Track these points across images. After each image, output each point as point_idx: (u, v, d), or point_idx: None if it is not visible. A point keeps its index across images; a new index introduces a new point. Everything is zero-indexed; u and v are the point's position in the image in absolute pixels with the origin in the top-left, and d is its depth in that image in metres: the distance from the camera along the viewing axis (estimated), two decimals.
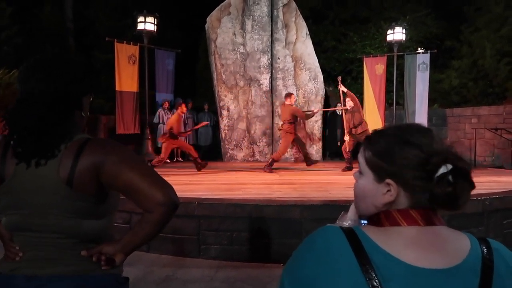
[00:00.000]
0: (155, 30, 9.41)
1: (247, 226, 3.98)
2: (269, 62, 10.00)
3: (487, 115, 9.89)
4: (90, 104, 1.27)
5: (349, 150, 7.51)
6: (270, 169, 7.32)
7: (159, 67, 10.42)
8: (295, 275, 0.75)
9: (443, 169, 0.73)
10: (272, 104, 10.00)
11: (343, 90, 7.76)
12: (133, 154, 1.17)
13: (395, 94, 10.23)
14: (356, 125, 7.41)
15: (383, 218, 0.79)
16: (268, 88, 9.98)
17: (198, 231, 4.03)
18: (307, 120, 8.84)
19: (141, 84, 9.44)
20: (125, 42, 9.24)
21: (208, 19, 9.98)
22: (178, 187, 1.90)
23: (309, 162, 7.71)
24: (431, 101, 10.89)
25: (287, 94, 7.70)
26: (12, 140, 1.11)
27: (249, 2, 9.98)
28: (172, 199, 1.10)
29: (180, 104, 7.50)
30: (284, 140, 7.56)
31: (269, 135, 9.99)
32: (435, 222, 0.77)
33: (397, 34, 10.20)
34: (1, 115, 1.16)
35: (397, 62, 10.21)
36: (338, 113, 9.85)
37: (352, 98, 7.48)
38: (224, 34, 9.88)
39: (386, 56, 10.53)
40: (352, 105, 7.47)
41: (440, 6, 13.49)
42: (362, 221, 0.88)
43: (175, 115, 7.32)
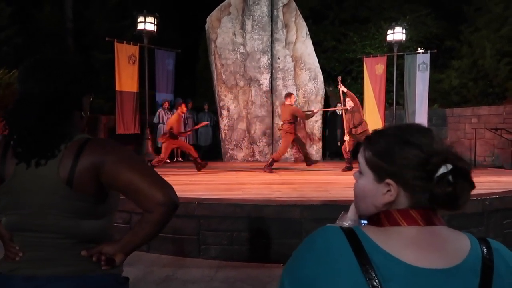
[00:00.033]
0: (155, 30, 9.41)
1: (247, 226, 3.98)
2: (269, 62, 9.99)
3: (487, 115, 9.89)
4: (90, 104, 1.27)
5: (349, 150, 7.51)
6: (270, 169, 7.32)
7: (159, 67, 10.42)
8: (295, 275, 0.75)
9: (443, 169, 0.73)
10: (272, 104, 10.00)
11: (343, 90, 7.75)
12: (133, 154, 1.17)
13: (395, 94, 10.23)
14: (356, 125, 7.40)
15: (383, 218, 0.79)
16: (268, 88, 9.98)
17: (198, 231, 4.03)
18: (307, 120, 8.84)
19: (141, 84, 9.44)
20: (125, 42, 9.24)
21: (208, 19, 9.98)
22: (178, 187, 1.89)
23: (309, 162, 7.71)
24: (431, 101, 10.89)
25: (287, 94, 7.70)
26: (12, 140, 1.11)
27: (249, 2, 9.98)
28: (172, 199, 1.10)
29: (180, 104, 7.50)
30: (284, 140, 7.56)
31: (269, 135, 9.98)
32: (435, 222, 0.77)
33: (397, 34, 10.19)
34: (1, 115, 1.16)
35: (397, 62, 10.21)
36: (338, 113, 9.85)
37: (352, 98, 7.48)
38: (224, 34, 9.88)
39: (386, 56, 10.53)
40: (352, 105, 7.47)
41: (440, 6, 13.49)
42: (362, 221, 0.88)
43: (175, 115, 7.32)
